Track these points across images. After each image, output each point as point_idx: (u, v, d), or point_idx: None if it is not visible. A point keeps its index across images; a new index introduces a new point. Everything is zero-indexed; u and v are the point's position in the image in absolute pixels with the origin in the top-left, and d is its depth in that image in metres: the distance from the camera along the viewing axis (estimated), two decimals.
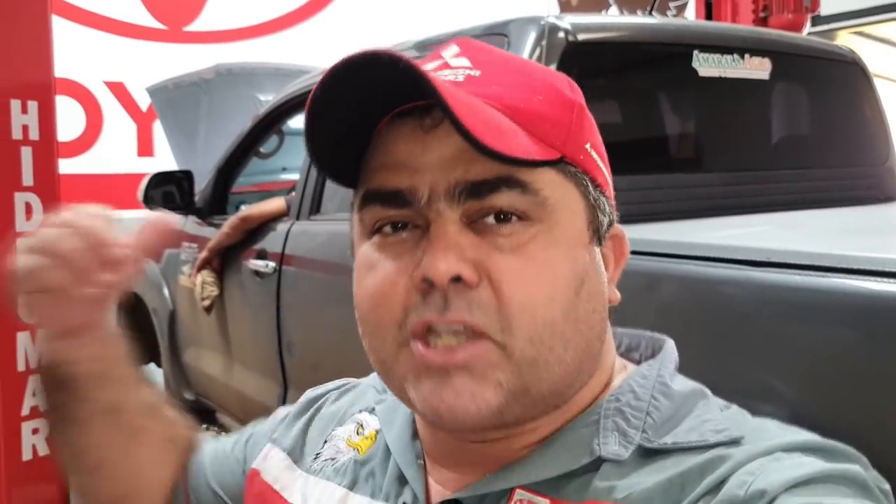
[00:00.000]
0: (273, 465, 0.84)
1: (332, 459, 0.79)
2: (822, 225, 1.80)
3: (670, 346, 0.73)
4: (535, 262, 0.60)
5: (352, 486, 0.75)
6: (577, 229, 0.64)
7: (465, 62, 0.65)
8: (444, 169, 0.61)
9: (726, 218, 1.76)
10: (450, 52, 0.67)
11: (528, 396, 0.62)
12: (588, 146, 0.66)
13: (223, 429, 3.30)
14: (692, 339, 0.76)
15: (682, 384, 0.69)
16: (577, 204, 0.64)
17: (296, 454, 0.84)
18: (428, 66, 0.65)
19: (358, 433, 0.80)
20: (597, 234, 0.66)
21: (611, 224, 0.68)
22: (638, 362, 0.73)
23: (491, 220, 0.61)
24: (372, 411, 0.81)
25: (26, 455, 2.88)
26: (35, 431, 2.94)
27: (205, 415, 3.43)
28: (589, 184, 0.65)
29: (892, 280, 1.08)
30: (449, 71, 0.65)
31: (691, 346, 0.76)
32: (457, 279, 0.59)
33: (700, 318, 1.26)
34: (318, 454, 0.82)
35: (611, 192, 0.69)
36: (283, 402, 2.54)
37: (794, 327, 1.19)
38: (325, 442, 0.82)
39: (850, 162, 2.27)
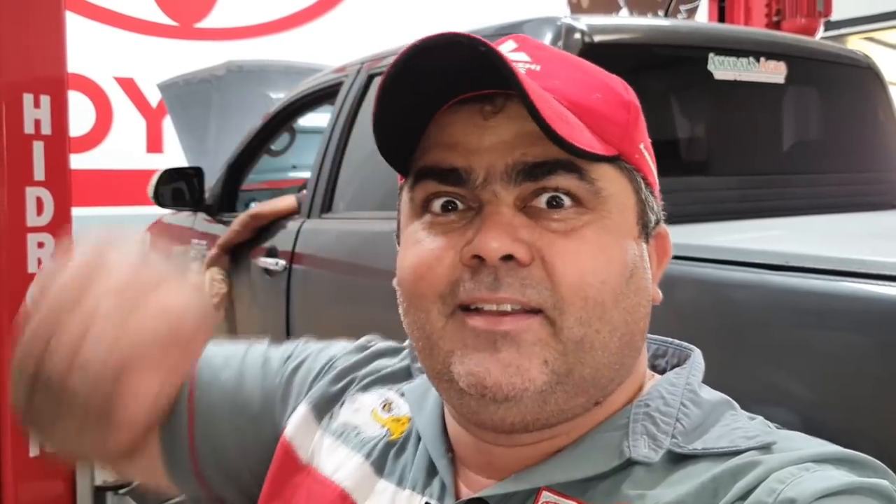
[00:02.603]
0: (297, 422, 0.80)
1: (355, 428, 0.77)
2: (839, 229, 1.79)
3: (698, 355, 0.73)
4: (588, 244, 0.61)
5: (380, 469, 0.73)
6: (628, 222, 0.64)
7: (523, 56, 0.65)
8: (502, 151, 0.61)
9: (740, 222, 1.76)
10: (507, 47, 0.67)
11: (571, 380, 0.61)
12: (642, 146, 0.67)
13: None
14: (707, 342, 0.75)
15: (710, 394, 0.69)
16: (630, 199, 0.65)
17: (319, 410, 0.80)
18: None
19: (385, 409, 0.78)
20: (645, 230, 0.66)
21: (657, 223, 0.69)
22: (663, 370, 0.73)
23: (544, 204, 0.61)
24: (402, 394, 0.79)
25: (34, 451, 2.89)
26: None
27: None
28: (641, 182, 0.66)
29: None
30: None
31: (707, 348, 0.76)
32: (508, 258, 0.59)
33: (716, 321, 1.26)
34: (332, 413, 0.79)
35: (658, 192, 0.70)
36: None
37: (810, 331, 1.18)
38: (343, 403, 0.80)
39: (864, 167, 2.26)
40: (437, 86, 0.62)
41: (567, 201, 0.61)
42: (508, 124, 0.61)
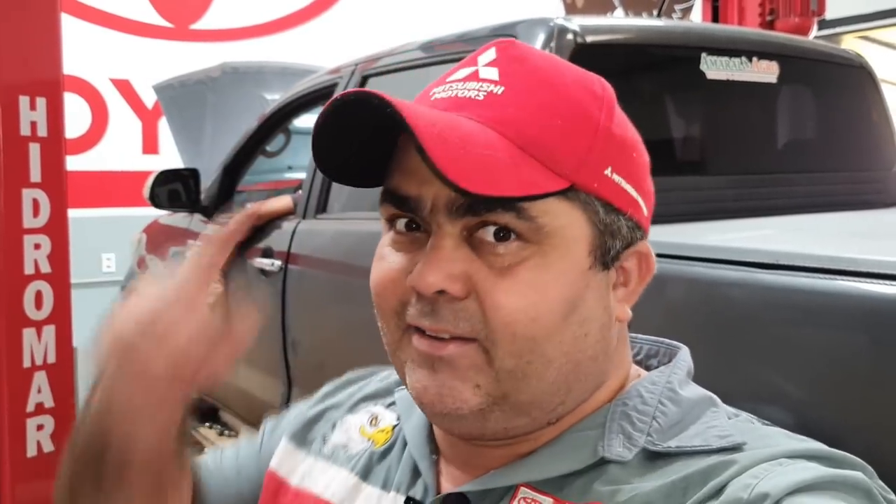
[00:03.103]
0: (280, 453, 0.86)
1: (344, 447, 0.81)
2: (830, 228, 1.80)
3: (684, 353, 0.74)
4: (521, 283, 0.62)
5: (364, 477, 0.77)
6: (574, 257, 0.64)
7: (493, 74, 0.66)
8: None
9: (733, 221, 1.76)
10: (485, 58, 0.67)
11: (507, 403, 0.64)
12: (609, 171, 0.65)
13: (226, 427, 3.31)
14: (698, 341, 0.76)
15: (692, 391, 0.70)
16: (581, 231, 0.64)
17: (299, 438, 0.85)
18: (460, 74, 0.67)
19: (371, 424, 0.82)
20: (603, 259, 0.66)
21: (630, 244, 0.68)
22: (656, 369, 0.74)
23: (490, 236, 0.63)
24: (388, 406, 0.83)
25: (31, 451, 2.89)
26: (40, 428, 2.95)
27: (208, 413, 3.44)
28: (600, 209, 0.65)
29: None
30: (474, 84, 0.66)
31: (697, 347, 0.77)
32: (443, 292, 0.62)
33: (706, 319, 1.27)
34: (326, 438, 0.83)
35: (641, 211, 0.69)
36: (287, 400, 2.54)
37: (801, 330, 1.19)
38: (335, 427, 0.84)
39: (857, 166, 2.27)
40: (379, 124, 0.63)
41: (513, 235, 0.62)
42: None
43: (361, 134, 0.65)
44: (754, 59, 2.01)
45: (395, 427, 0.80)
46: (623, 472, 0.63)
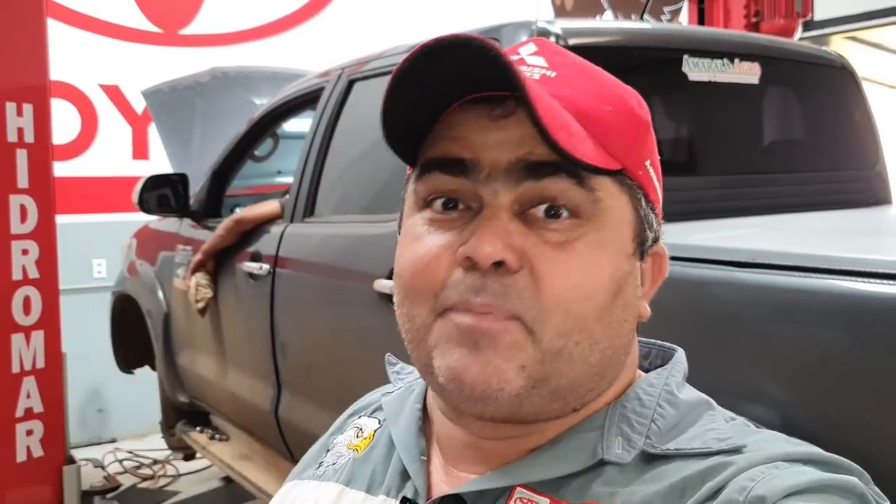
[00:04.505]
0: (278, 495, 0.84)
1: (333, 464, 0.80)
2: (810, 227, 1.81)
3: (680, 355, 0.74)
4: (579, 258, 0.61)
5: (348, 482, 0.76)
6: (623, 238, 0.65)
7: (541, 61, 0.66)
8: (507, 148, 0.62)
9: (715, 220, 1.78)
10: (526, 50, 0.68)
11: (547, 387, 0.62)
12: (647, 163, 0.67)
13: (217, 431, 3.31)
14: (677, 339, 0.77)
15: (689, 394, 0.70)
16: (628, 215, 0.65)
17: (296, 473, 0.85)
18: None
19: (357, 436, 0.81)
20: (640, 248, 0.67)
21: (655, 241, 0.69)
22: (646, 370, 0.74)
23: (541, 213, 0.62)
24: (372, 413, 0.83)
25: (20, 457, 2.89)
26: (29, 433, 2.95)
27: (199, 417, 3.43)
28: (642, 198, 0.67)
29: (875, 280, 1.09)
30: (525, 68, 0.66)
31: (679, 345, 0.77)
32: (499, 264, 0.60)
33: (685, 318, 1.28)
34: (321, 463, 0.83)
35: (660, 210, 0.70)
36: (277, 403, 2.55)
37: (778, 327, 1.20)
38: (328, 451, 0.84)
39: (840, 166, 2.29)
40: (447, 84, 0.63)
41: (565, 213, 0.62)
42: (516, 127, 0.62)
43: (425, 96, 0.63)
44: (736, 60, 2.02)
45: (376, 431, 0.80)
46: (621, 474, 0.63)
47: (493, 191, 0.62)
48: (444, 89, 0.63)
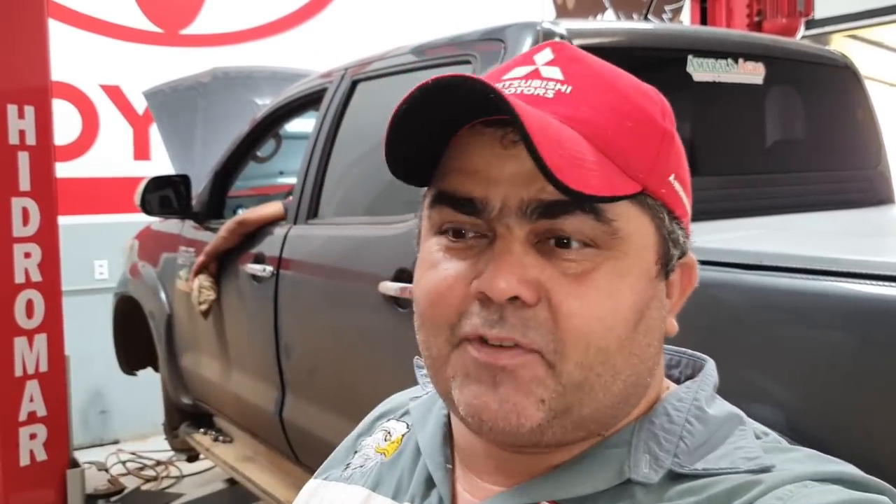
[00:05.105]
0: (302, 493, 0.84)
1: (361, 467, 0.80)
2: (815, 228, 1.81)
3: (710, 367, 0.71)
4: (598, 290, 0.60)
5: (374, 487, 0.75)
6: (645, 263, 0.63)
7: (556, 73, 0.64)
8: (519, 184, 0.60)
9: (720, 221, 1.77)
10: (542, 58, 0.65)
11: (569, 418, 0.61)
12: (672, 178, 0.64)
13: (221, 433, 3.31)
14: (683, 342, 0.76)
15: (719, 409, 0.68)
16: (650, 238, 0.63)
17: (322, 473, 0.84)
18: (518, 72, 0.65)
19: (385, 440, 0.80)
20: (664, 269, 0.65)
21: (682, 254, 0.67)
22: (677, 380, 0.72)
23: (554, 243, 0.60)
24: (400, 417, 0.82)
25: (24, 461, 2.89)
26: (32, 437, 2.95)
27: (203, 419, 3.43)
28: (666, 216, 0.64)
29: (882, 283, 1.09)
30: (539, 82, 0.63)
31: (687, 347, 0.77)
32: (514, 298, 0.59)
33: (692, 320, 1.27)
34: (348, 464, 0.82)
35: (688, 221, 0.68)
36: (282, 405, 2.54)
37: (785, 330, 1.20)
38: (356, 453, 0.83)
39: (843, 165, 2.29)
40: (455, 111, 0.61)
41: (575, 244, 0.60)
42: (528, 156, 0.57)
43: (431, 126, 0.61)
44: (740, 60, 2.02)
45: (404, 435, 0.79)
46: (648, 495, 0.61)
47: (507, 225, 0.61)
48: (452, 115, 0.61)
